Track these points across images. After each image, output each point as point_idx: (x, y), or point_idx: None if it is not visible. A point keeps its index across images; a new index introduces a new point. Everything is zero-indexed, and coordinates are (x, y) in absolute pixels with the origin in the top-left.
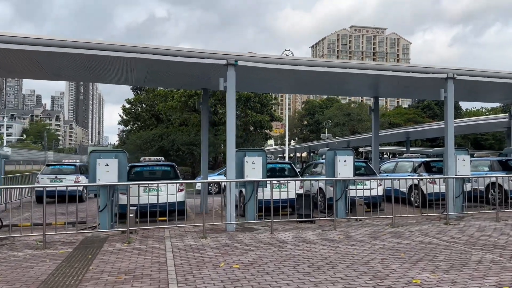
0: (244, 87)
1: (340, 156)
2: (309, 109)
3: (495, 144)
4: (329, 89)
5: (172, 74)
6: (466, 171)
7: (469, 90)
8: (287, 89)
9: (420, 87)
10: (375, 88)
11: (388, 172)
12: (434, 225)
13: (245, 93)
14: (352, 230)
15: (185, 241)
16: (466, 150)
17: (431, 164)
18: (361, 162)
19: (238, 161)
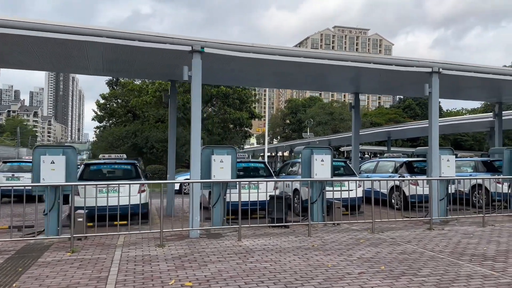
0: (214, 78)
1: (317, 155)
2: (291, 108)
3: (475, 145)
4: (309, 83)
5: (132, 62)
6: (451, 172)
7: (453, 87)
8: (264, 82)
9: (403, 82)
10: (356, 83)
11: (369, 172)
12: (417, 231)
13: (224, 89)
14: (328, 237)
15: (138, 251)
16: (451, 149)
17: (413, 164)
18: (340, 162)
19: (205, 160)
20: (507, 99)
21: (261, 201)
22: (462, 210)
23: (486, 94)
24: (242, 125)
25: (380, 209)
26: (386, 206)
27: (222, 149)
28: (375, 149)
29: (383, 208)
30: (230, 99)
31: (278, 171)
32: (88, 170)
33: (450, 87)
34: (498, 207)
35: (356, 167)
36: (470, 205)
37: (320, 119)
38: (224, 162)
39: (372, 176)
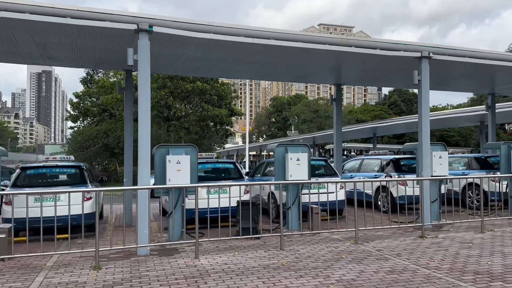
0: (170, 66)
1: (292, 153)
2: (276, 106)
3: (461, 141)
4: (284, 73)
5: (72, 47)
6: (444, 171)
7: (442, 76)
8: (232, 72)
9: (389, 71)
10: (337, 73)
11: (353, 172)
12: (407, 239)
13: (200, 84)
14: (304, 250)
15: (66, 275)
16: (443, 145)
17: (400, 162)
18: (320, 161)
19: (160, 161)
20: (500, 90)
21: (226, 208)
22: (455, 212)
23: (479, 84)
24: (223, 123)
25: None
26: (372, 209)
27: (180, 148)
28: (361, 146)
29: (369, 211)
30: (207, 95)
31: (253, 171)
32: (23, 175)
33: (439, 77)
34: (495, 208)
35: (339, 166)
36: (463, 207)
37: (305, 116)
38: (182, 163)
39: (356, 175)
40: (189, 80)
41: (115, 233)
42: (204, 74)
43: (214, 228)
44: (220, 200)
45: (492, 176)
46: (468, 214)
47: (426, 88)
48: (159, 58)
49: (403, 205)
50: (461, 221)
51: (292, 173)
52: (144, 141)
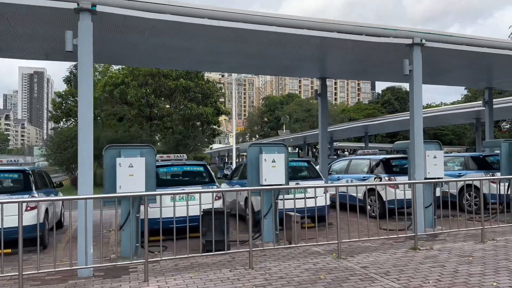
0: (129, 56)
1: (266, 154)
2: (269, 105)
3: (455, 139)
4: (263, 66)
5: (12, 35)
6: (439, 172)
7: (436, 67)
8: (206, 64)
9: (378, 62)
10: (321, 65)
11: (341, 173)
12: (397, 252)
13: (183, 82)
14: (276, 268)
15: None
16: (438, 143)
17: (391, 162)
18: (302, 162)
19: (110, 164)
20: (498, 84)
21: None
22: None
23: (475, 77)
24: (210, 123)
25: (348, 219)
26: (362, 214)
27: (133, 149)
28: (354, 145)
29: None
30: (191, 93)
31: (231, 174)
32: None
33: (432, 68)
34: (494, 212)
35: (324, 167)
36: (461, 211)
37: (298, 116)
38: (135, 167)
39: (344, 177)
40: (172, 77)
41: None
42: (173, 66)
43: (183, 239)
44: (189, 208)
45: (492, 178)
46: (467, 220)
47: (418, 79)
48: (113, 46)
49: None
50: (458, 229)
51: (267, 176)
52: (85, 141)
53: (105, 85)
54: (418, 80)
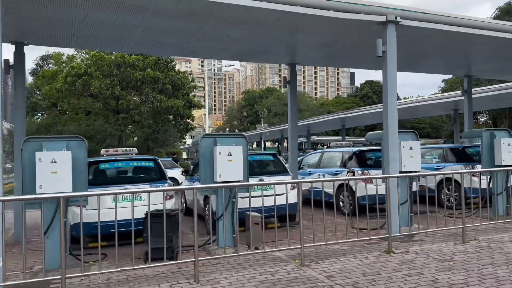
0: (54, 37)
1: (222, 146)
2: (248, 99)
3: (432, 132)
4: (225, 49)
5: None
6: (415, 165)
7: (412, 53)
8: (150, 46)
9: (349, 45)
10: (290, 49)
11: (312, 167)
12: (369, 256)
13: (151, 72)
14: (226, 281)
15: None
16: (415, 133)
17: (365, 155)
18: (266, 155)
19: (29, 159)
20: (477, 71)
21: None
22: (430, 213)
23: (453, 63)
24: (183, 116)
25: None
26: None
27: (58, 141)
28: (332, 139)
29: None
30: (160, 84)
31: (192, 169)
32: None
33: (408, 53)
34: (476, 207)
35: (294, 161)
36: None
37: (277, 110)
38: (60, 162)
39: (315, 172)
40: (139, 68)
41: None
42: (112, 48)
43: (127, 245)
44: (135, 209)
45: (473, 172)
46: (446, 216)
47: (392, 61)
48: None
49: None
50: (437, 228)
51: (222, 172)
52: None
53: (67, 76)
54: (392, 62)
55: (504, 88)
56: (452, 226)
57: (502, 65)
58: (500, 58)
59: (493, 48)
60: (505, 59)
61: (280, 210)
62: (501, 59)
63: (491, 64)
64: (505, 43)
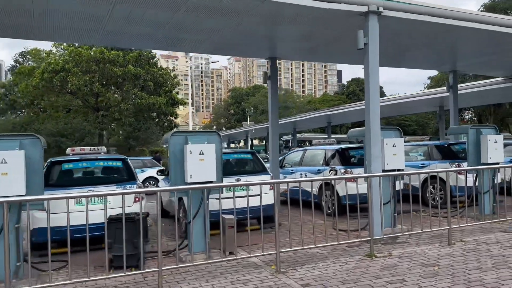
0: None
1: (193, 144)
2: (235, 97)
3: (419, 130)
4: (203, 41)
5: None
6: (399, 163)
7: (395, 47)
8: (120, 38)
9: (329, 38)
10: (270, 43)
11: (294, 166)
12: (349, 261)
13: (132, 68)
14: None
15: None
16: (398, 130)
17: (348, 152)
18: (244, 154)
19: None
20: (462, 67)
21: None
22: (414, 213)
23: (438, 57)
24: (166, 114)
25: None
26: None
27: (10, 140)
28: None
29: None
30: (142, 81)
31: (168, 169)
32: None
33: (392, 47)
34: (462, 206)
35: (275, 159)
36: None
37: (264, 107)
38: (11, 163)
39: (297, 170)
40: (119, 64)
41: None
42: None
43: (93, 251)
44: (99, 213)
45: (459, 170)
46: (431, 216)
47: (374, 54)
48: None
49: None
50: (422, 230)
51: (193, 172)
52: None
53: (43, 73)
54: (374, 55)
55: (489, 84)
56: (438, 227)
57: (488, 60)
58: (486, 53)
59: (479, 41)
60: (490, 54)
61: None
62: (486, 54)
63: (476, 59)
64: (491, 36)
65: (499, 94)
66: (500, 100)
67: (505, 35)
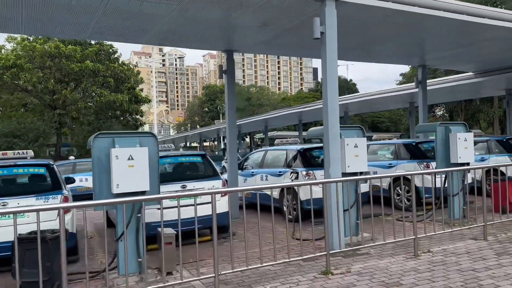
0: None
1: (121, 148)
2: (209, 94)
3: (391, 126)
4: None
5: None
6: (361, 165)
7: (362, 40)
8: (47, 26)
9: (290, 28)
10: (222, 33)
11: (256, 167)
12: (302, 281)
13: (90, 64)
14: None
15: None
16: (360, 128)
17: (311, 153)
18: (193, 157)
19: None
20: (431, 61)
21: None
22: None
23: (406, 50)
24: (131, 113)
25: (263, 223)
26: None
27: None
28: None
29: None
30: (101, 77)
31: None
32: None
33: (356, 39)
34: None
35: (233, 161)
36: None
37: (238, 105)
38: None
39: (258, 172)
40: (76, 59)
41: None
42: None
43: None
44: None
45: (426, 172)
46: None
47: (332, 44)
48: None
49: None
50: (385, 242)
51: (120, 181)
52: None
53: None
54: (332, 44)
55: (459, 80)
56: (403, 234)
57: (457, 53)
58: (455, 45)
59: (447, 33)
60: (459, 46)
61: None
62: (455, 47)
63: (445, 52)
64: (459, 27)
65: (470, 89)
66: (471, 96)
67: (473, 25)
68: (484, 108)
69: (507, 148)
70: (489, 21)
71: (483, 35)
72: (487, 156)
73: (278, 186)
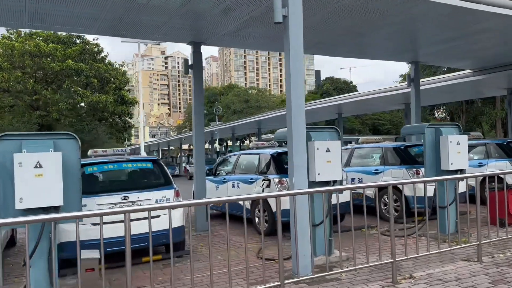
0: None
1: (28, 153)
2: (208, 96)
3: (392, 129)
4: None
5: None
6: (334, 173)
7: (346, 32)
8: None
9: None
10: (188, 23)
11: (230, 173)
12: None
13: (71, 63)
14: None
15: None
16: (335, 130)
17: (284, 158)
18: (142, 162)
19: None
20: (424, 57)
21: None
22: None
23: (399, 46)
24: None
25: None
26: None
27: None
28: None
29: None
30: (83, 77)
31: None
32: None
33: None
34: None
35: (201, 165)
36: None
37: (235, 107)
38: None
39: (231, 179)
40: (57, 58)
41: None
42: None
43: None
44: None
45: (412, 182)
46: (382, 233)
47: (296, 30)
48: None
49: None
50: (356, 267)
51: (25, 194)
52: None
53: None
54: (297, 30)
55: (456, 78)
56: (379, 259)
57: (451, 47)
58: (449, 38)
59: (438, 22)
60: (452, 39)
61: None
62: (448, 39)
63: (439, 46)
64: (451, 13)
65: (468, 89)
66: (471, 96)
67: (466, 11)
68: (486, 109)
69: (508, 152)
70: (485, 7)
71: (478, 26)
72: (486, 161)
73: (231, 200)
